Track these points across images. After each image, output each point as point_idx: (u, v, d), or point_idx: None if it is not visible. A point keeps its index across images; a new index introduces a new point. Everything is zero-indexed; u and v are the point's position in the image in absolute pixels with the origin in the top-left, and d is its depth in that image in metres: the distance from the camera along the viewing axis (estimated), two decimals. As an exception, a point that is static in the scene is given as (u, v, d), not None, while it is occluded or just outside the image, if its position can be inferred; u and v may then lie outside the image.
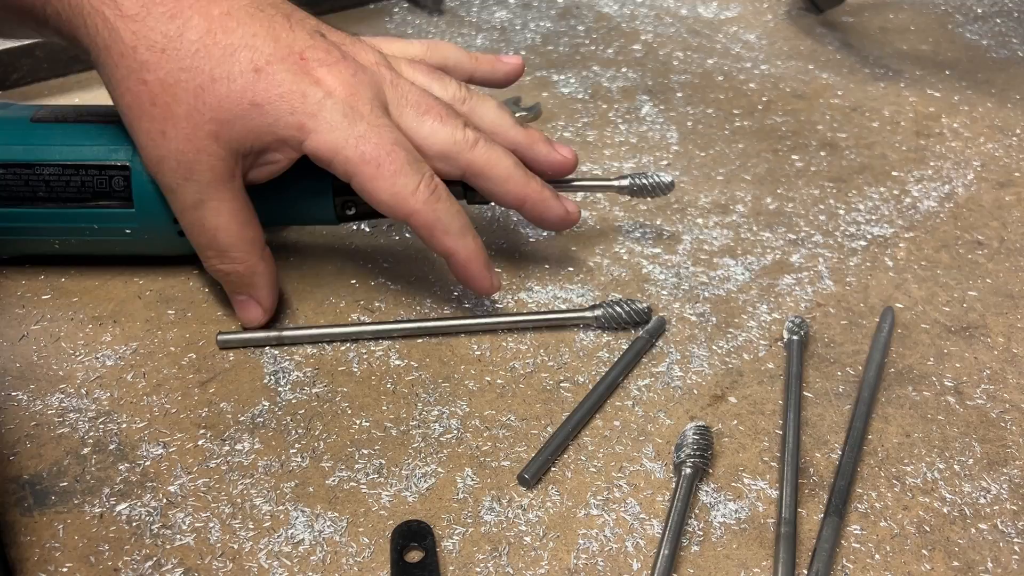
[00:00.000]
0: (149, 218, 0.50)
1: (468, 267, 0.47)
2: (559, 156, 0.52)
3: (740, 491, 0.41)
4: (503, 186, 0.48)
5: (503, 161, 0.48)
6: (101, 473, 0.42)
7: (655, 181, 0.54)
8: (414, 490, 0.41)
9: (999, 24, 0.88)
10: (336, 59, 0.45)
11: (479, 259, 0.48)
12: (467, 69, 0.54)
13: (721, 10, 0.91)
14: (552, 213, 0.50)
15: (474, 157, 0.47)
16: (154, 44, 0.42)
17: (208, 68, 0.42)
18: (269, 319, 0.49)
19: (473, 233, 0.47)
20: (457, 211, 0.47)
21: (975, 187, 0.63)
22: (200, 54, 0.42)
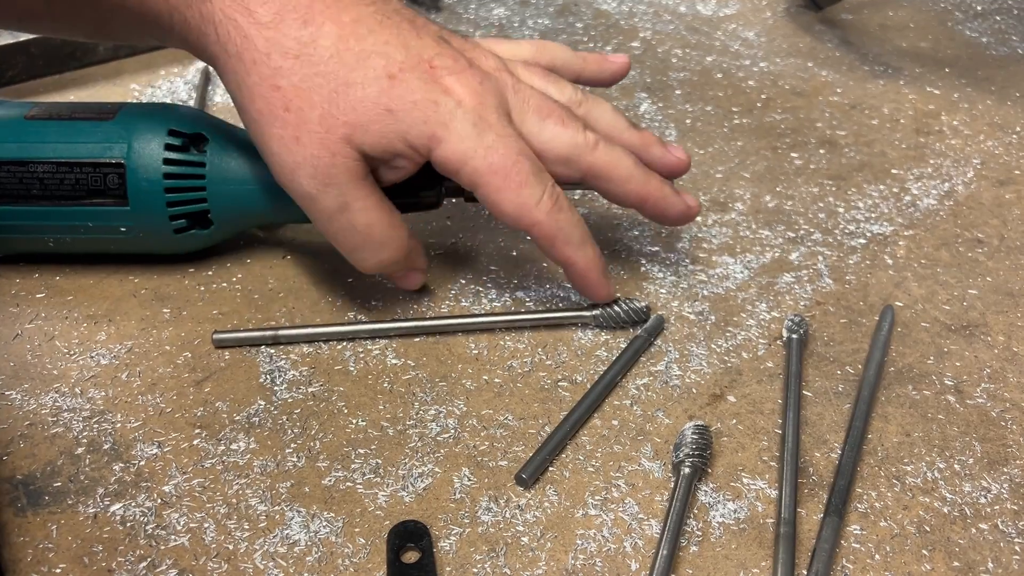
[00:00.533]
0: (144, 216, 0.50)
1: (587, 276, 0.48)
2: (674, 158, 0.52)
3: (739, 491, 0.41)
4: (625, 186, 0.48)
5: (624, 162, 0.48)
6: (95, 473, 0.41)
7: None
8: (411, 490, 0.41)
9: (999, 21, 0.88)
10: (463, 67, 0.45)
11: (597, 268, 0.48)
12: (575, 69, 0.54)
13: (720, 7, 0.91)
14: (674, 209, 0.50)
15: (595, 159, 0.47)
16: (288, 50, 0.42)
17: (343, 73, 0.42)
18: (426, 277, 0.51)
19: (592, 242, 0.48)
20: (578, 220, 0.47)
21: (975, 185, 0.63)
22: (334, 60, 0.42)
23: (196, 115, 0.52)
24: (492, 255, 0.56)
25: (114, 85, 0.74)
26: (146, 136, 0.49)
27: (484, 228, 0.58)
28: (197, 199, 0.50)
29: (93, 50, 0.76)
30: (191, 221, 0.51)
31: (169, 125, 0.49)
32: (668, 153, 0.52)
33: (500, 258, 0.55)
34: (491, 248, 0.56)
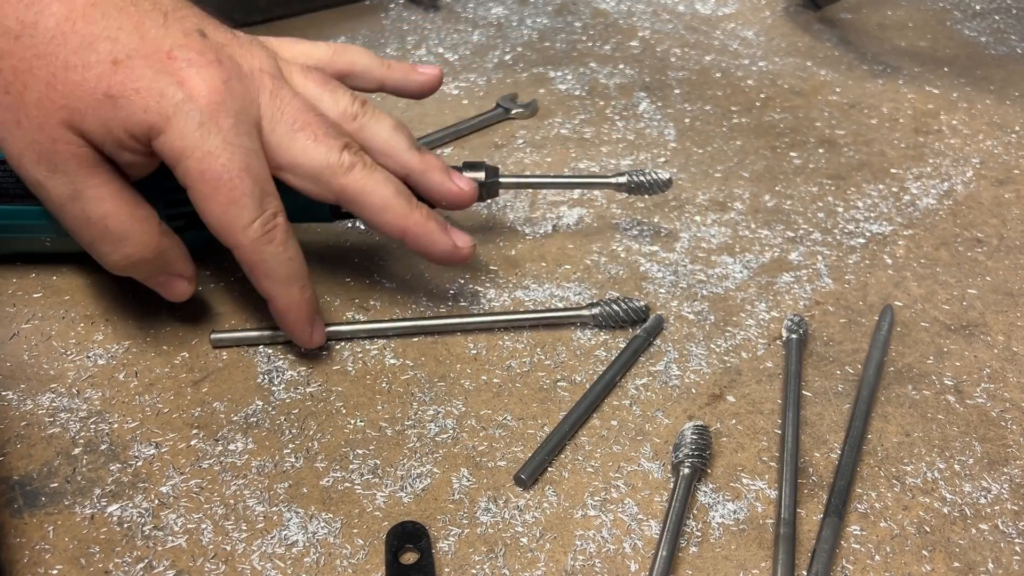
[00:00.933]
0: None
1: (284, 316, 0.45)
2: (454, 187, 0.48)
3: (739, 491, 0.41)
4: (380, 216, 0.45)
5: (380, 189, 0.45)
6: (92, 474, 0.41)
7: (652, 178, 0.53)
8: (409, 491, 0.41)
9: (998, 21, 0.88)
10: (209, 61, 0.42)
11: (299, 311, 0.45)
12: (376, 77, 0.52)
13: (719, 6, 0.91)
14: (436, 248, 0.47)
15: (347, 182, 0.44)
16: (8, 31, 0.40)
17: (63, 55, 0.40)
18: (195, 288, 0.47)
19: (302, 284, 0.45)
20: (288, 258, 0.44)
21: (974, 184, 0.63)
22: (56, 41, 0.40)
23: None
24: (491, 255, 0.55)
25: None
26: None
27: (482, 228, 0.58)
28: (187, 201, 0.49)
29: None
30: (188, 221, 0.51)
31: None
32: (449, 181, 0.48)
33: (499, 258, 0.55)
34: (490, 248, 0.56)
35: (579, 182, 0.56)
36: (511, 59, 0.79)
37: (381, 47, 0.80)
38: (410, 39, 0.82)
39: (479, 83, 0.75)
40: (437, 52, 0.80)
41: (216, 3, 0.87)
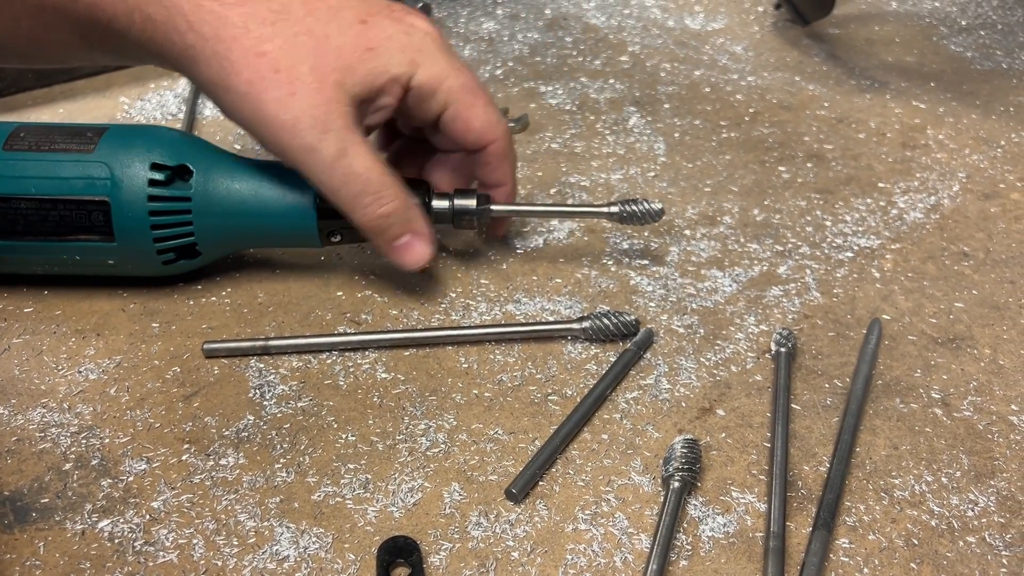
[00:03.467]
0: (131, 250, 0.49)
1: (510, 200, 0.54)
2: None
3: (729, 505, 0.41)
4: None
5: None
6: (83, 489, 0.41)
7: (645, 208, 0.53)
8: (400, 505, 0.41)
9: (983, 36, 0.89)
10: (412, 9, 0.50)
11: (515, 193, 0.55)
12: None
13: (708, 22, 0.91)
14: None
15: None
16: (265, 19, 0.45)
17: (320, 28, 0.46)
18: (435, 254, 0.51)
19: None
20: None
21: (961, 198, 0.64)
22: (310, 18, 0.46)
23: (180, 143, 0.50)
24: (482, 268, 0.56)
25: (103, 98, 0.74)
26: (129, 172, 0.48)
27: (474, 241, 0.58)
28: (184, 233, 0.50)
29: (82, 63, 0.76)
30: (178, 253, 0.51)
31: (152, 158, 0.48)
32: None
33: (490, 271, 0.56)
34: (481, 261, 0.56)
35: (572, 211, 0.56)
36: (502, 74, 0.80)
37: (373, 61, 0.81)
38: (402, 53, 0.82)
39: (470, 97, 0.75)
40: (429, 66, 0.80)
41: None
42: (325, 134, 0.45)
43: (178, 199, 0.49)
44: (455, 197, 0.52)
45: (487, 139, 0.51)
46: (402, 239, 0.49)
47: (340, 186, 0.47)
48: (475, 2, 0.94)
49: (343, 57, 0.46)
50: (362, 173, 0.47)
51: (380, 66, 0.47)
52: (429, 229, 0.50)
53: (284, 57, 0.45)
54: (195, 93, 0.74)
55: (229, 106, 0.46)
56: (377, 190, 0.47)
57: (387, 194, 0.48)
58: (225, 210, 0.49)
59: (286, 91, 0.45)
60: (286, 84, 0.45)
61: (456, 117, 0.50)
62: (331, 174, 0.46)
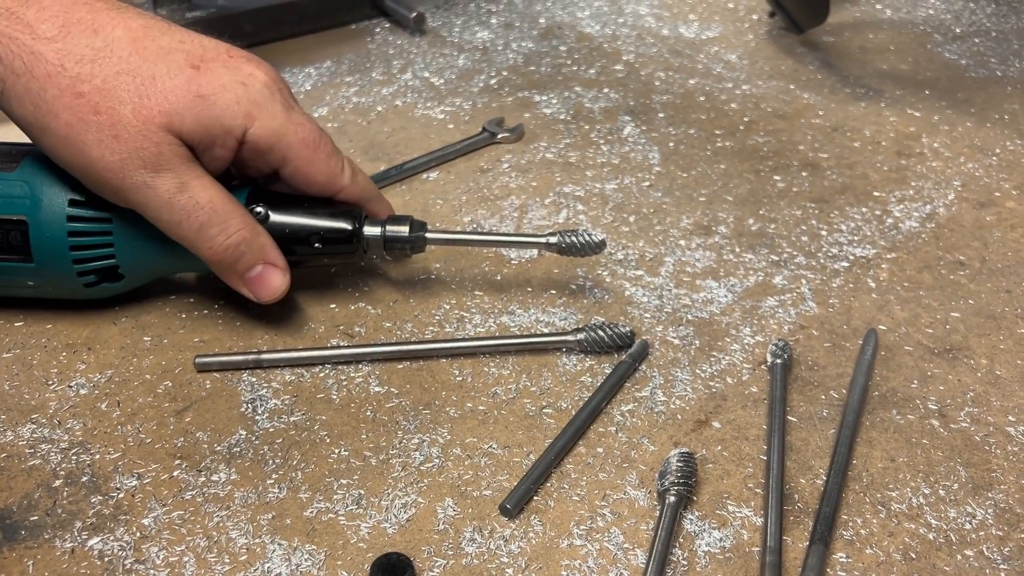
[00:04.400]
0: (50, 272, 0.48)
1: (383, 204, 0.53)
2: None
3: (725, 519, 0.41)
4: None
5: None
6: (73, 506, 0.41)
7: (585, 240, 0.50)
8: (393, 521, 0.40)
9: (977, 44, 0.89)
10: (252, 56, 0.47)
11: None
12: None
13: (702, 30, 0.91)
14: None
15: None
16: (83, 57, 0.42)
17: (146, 68, 0.43)
18: (288, 283, 0.49)
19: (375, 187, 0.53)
20: (369, 179, 0.52)
21: (956, 207, 0.63)
22: (135, 56, 0.43)
23: None
24: (476, 280, 0.55)
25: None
26: (49, 192, 0.46)
27: (467, 254, 0.58)
28: (104, 255, 0.48)
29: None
30: (100, 276, 0.49)
31: (75, 181, 0.46)
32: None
33: (484, 284, 0.55)
34: (475, 273, 0.56)
35: (509, 241, 0.53)
36: (496, 83, 0.79)
37: (367, 71, 0.80)
38: (396, 63, 0.82)
39: (464, 107, 0.75)
40: (423, 76, 0.80)
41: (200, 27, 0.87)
42: (159, 172, 0.43)
43: (99, 220, 0.47)
44: (387, 224, 0.50)
45: (333, 191, 0.49)
46: (254, 270, 0.47)
47: (183, 219, 0.45)
48: (469, 11, 0.94)
49: (171, 101, 0.43)
50: (205, 204, 0.45)
51: (212, 116, 0.44)
52: (282, 259, 0.48)
53: (103, 99, 0.42)
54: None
55: (49, 148, 0.44)
56: (223, 219, 0.45)
57: (234, 223, 0.46)
58: (146, 233, 0.47)
59: (108, 133, 0.42)
60: (108, 127, 0.42)
61: (296, 172, 0.48)
62: (171, 209, 0.44)
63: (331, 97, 0.76)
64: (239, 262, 0.47)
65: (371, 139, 0.70)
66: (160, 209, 0.44)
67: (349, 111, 0.74)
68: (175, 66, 0.44)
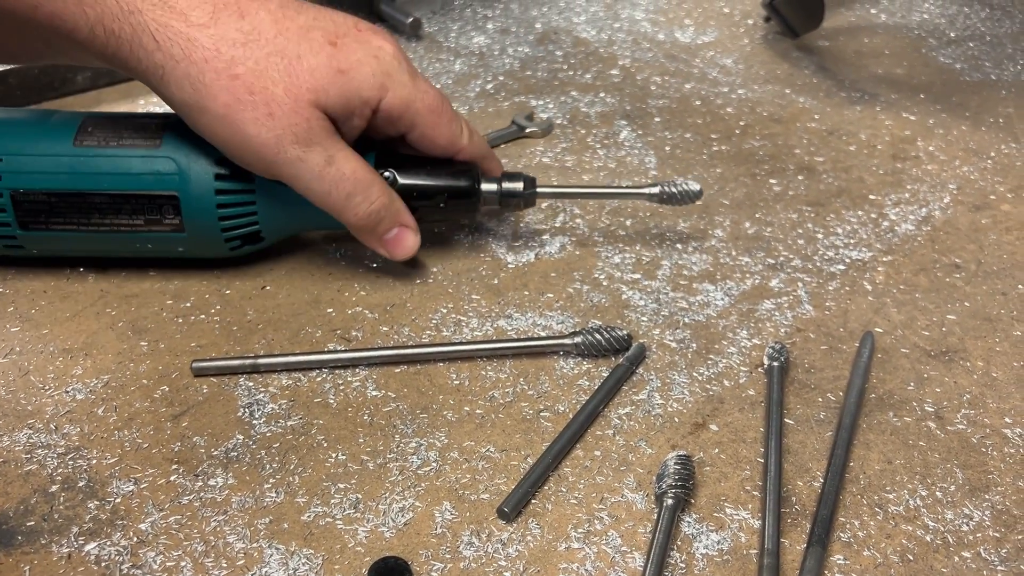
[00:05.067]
0: (200, 238, 0.52)
1: (495, 162, 0.57)
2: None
3: (722, 521, 0.41)
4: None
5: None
6: (69, 511, 0.41)
7: (683, 189, 0.55)
8: (391, 525, 0.40)
9: (972, 48, 0.89)
10: (375, 28, 0.51)
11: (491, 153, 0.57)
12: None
13: (698, 35, 0.92)
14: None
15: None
16: (235, 41, 0.45)
17: (291, 48, 0.46)
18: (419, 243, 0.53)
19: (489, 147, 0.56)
20: (482, 137, 0.56)
21: (951, 210, 0.64)
22: (280, 38, 0.46)
23: None
24: (473, 284, 0.55)
25: (92, 115, 0.74)
26: (196, 167, 0.50)
27: (464, 257, 0.58)
28: (249, 223, 0.52)
29: (71, 80, 0.76)
30: (244, 239, 0.53)
31: (217, 154, 0.50)
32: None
33: (481, 287, 0.55)
34: (472, 276, 0.56)
35: (613, 192, 0.58)
36: (493, 88, 0.80)
37: (363, 76, 0.81)
38: (392, 68, 0.82)
39: (461, 112, 0.75)
40: (419, 81, 0.80)
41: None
42: (311, 146, 0.47)
43: (243, 191, 0.51)
44: (503, 180, 0.55)
45: (453, 152, 0.53)
46: (391, 232, 0.52)
47: (331, 189, 0.48)
48: (466, 16, 0.94)
49: (316, 78, 0.47)
50: (349, 175, 0.49)
51: (352, 89, 0.48)
52: (413, 220, 0.53)
53: (257, 79, 0.45)
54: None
55: (206, 127, 0.47)
56: (366, 188, 0.49)
57: (374, 191, 0.50)
58: (287, 198, 0.51)
59: (264, 111, 0.46)
60: (263, 104, 0.46)
61: (422, 136, 0.52)
62: (321, 180, 0.48)
63: (328, 102, 0.76)
64: (379, 226, 0.51)
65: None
66: (311, 181, 0.48)
67: (346, 116, 0.74)
68: (316, 44, 0.47)
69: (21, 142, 0.50)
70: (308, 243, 0.59)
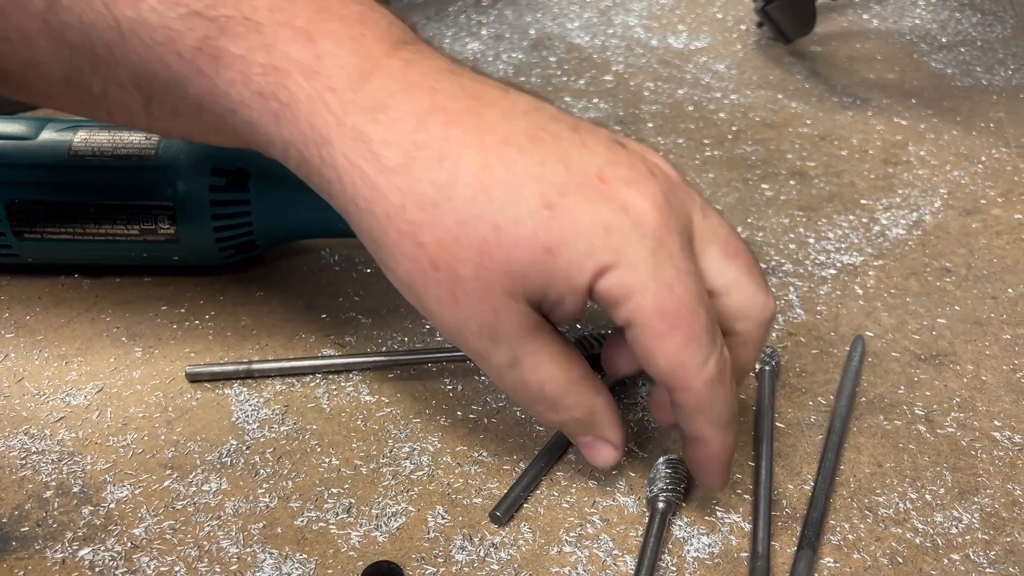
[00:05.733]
0: (194, 247, 0.52)
1: (713, 461, 0.39)
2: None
3: (714, 524, 0.41)
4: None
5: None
6: (64, 517, 0.41)
7: None
8: (384, 529, 0.40)
9: (963, 53, 0.90)
10: (644, 176, 0.36)
11: (728, 456, 0.39)
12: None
13: (691, 41, 0.92)
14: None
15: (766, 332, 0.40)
16: (424, 198, 0.35)
17: (490, 215, 0.34)
18: (621, 456, 0.42)
19: (735, 426, 0.39)
20: (734, 398, 0.38)
21: (942, 214, 0.64)
22: (479, 199, 0.34)
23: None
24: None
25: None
26: (191, 178, 0.50)
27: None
28: (244, 232, 0.53)
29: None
30: (238, 249, 0.54)
31: (212, 162, 0.51)
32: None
33: (474, 292, 0.55)
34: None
35: None
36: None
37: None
38: (387, 74, 0.83)
39: (455, 118, 0.75)
40: (414, 87, 0.80)
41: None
42: (495, 344, 0.37)
43: (238, 202, 0.52)
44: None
45: (670, 383, 0.37)
46: (584, 439, 0.42)
47: (512, 392, 0.40)
48: (460, 23, 0.95)
49: (515, 260, 0.35)
50: (536, 384, 0.38)
51: (559, 271, 0.35)
52: (617, 431, 0.41)
53: (443, 254, 0.35)
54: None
55: (394, 284, 0.38)
56: (555, 400, 0.39)
57: (566, 404, 0.39)
58: (282, 208, 0.52)
59: (447, 292, 0.36)
60: (447, 285, 0.36)
61: (638, 343, 0.36)
62: (501, 381, 0.39)
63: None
64: (565, 431, 0.42)
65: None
66: (493, 377, 0.39)
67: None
68: (524, 209, 0.34)
69: (15, 152, 0.50)
70: (302, 249, 0.59)
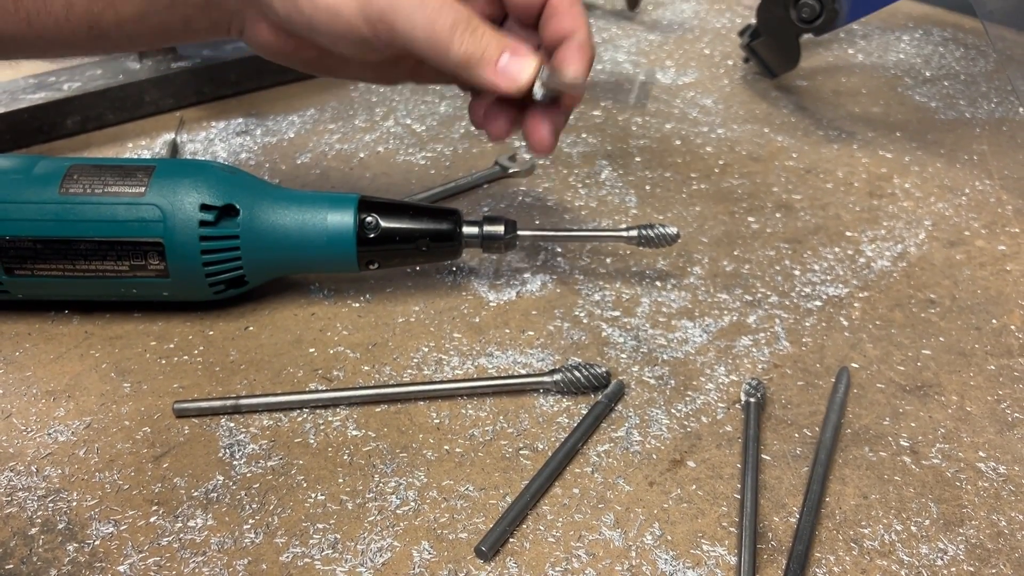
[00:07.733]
0: (184, 283, 0.53)
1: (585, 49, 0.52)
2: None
3: (699, 558, 0.41)
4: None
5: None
6: (48, 554, 0.41)
7: (660, 233, 0.57)
8: (369, 565, 0.40)
9: (947, 87, 0.91)
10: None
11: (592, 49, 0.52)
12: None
13: (679, 76, 0.93)
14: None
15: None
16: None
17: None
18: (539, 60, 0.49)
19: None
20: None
21: (927, 246, 0.65)
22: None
23: (225, 180, 0.53)
24: (455, 322, 0.56)
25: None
26: (180, 214, 0.51)
27: (446, 295, 0.59)
28: (233, 268, 0.53)
29: (60, 124, 0.77)
30: (228, 284, 0.54)
31: (200, 199, 0.51)
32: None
33: (463, 325, 0.56)
34: (454, 315, 0.57)
35: (592, 235, 0.60)
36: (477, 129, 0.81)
37: (350, 118, 0.82)
38: (378, 110, 0.84)
39: (445, 152, 0.76)
40: (405, 123, 0.82)
41: (186, 77, 0.88)
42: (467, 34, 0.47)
43: (227, 237, 0.52)
44: (484, 224, 0.56)
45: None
46: (503, 59, 0.48)
47: (435, 19, 0.46)
48: (451, 59, 0.96)
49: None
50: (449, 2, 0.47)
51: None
52: (522, 44, 0.49)
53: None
54: (172, 152, 0.74)
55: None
56: (467, 16, 0.47)
57: (475, 18, 0.48)
58: (271, 244, 0.53)
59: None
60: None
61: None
62: (424, 8, 0.46)
63: (314, 144, 0.77)
64: (487, 52, 0.48)
65: (353, 185, 0.71)
66: (414, 12, 0.46)
67: (332, 157, 0.75)
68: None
69: (7, 189, 0.51)
70: (291, 283, 0.60)
